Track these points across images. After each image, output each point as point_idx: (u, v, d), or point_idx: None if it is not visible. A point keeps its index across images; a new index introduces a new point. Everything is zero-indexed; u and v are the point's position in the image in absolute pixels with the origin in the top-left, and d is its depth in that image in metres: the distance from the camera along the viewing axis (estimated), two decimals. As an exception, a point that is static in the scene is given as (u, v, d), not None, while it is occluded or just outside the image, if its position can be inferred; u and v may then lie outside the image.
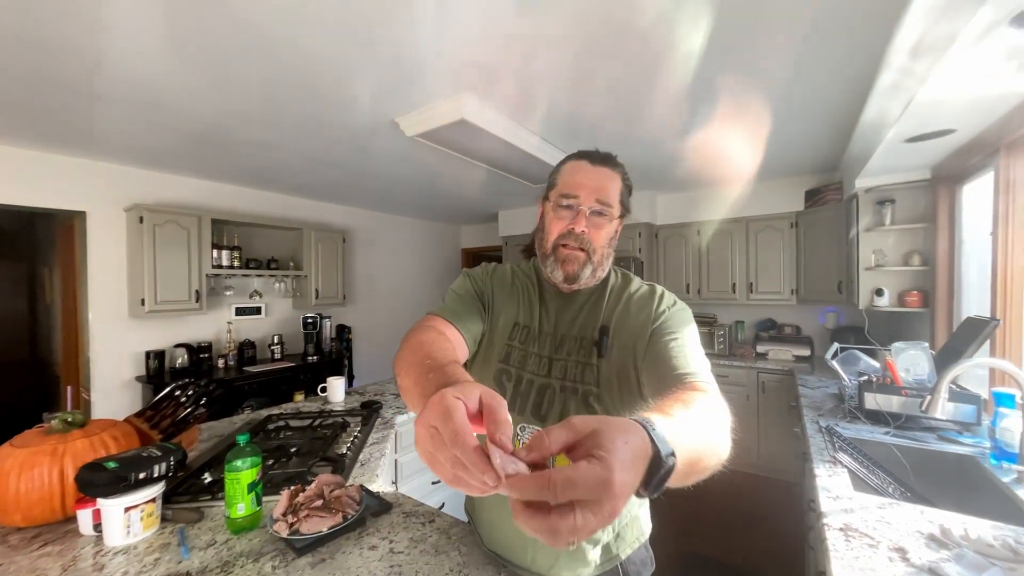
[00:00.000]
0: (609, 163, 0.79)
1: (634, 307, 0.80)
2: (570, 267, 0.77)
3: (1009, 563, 0.81)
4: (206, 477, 1.17)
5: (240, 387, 3.04)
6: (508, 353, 0.82)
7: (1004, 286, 1.66)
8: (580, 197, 0.75)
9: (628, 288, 0.83)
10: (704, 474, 0.49)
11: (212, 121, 2.18)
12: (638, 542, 0.85)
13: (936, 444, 1.49)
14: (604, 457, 0.33)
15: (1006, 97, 1.42)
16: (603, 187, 0.76)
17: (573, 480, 0.32)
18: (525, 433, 0.77)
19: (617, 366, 0.76)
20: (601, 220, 0.77)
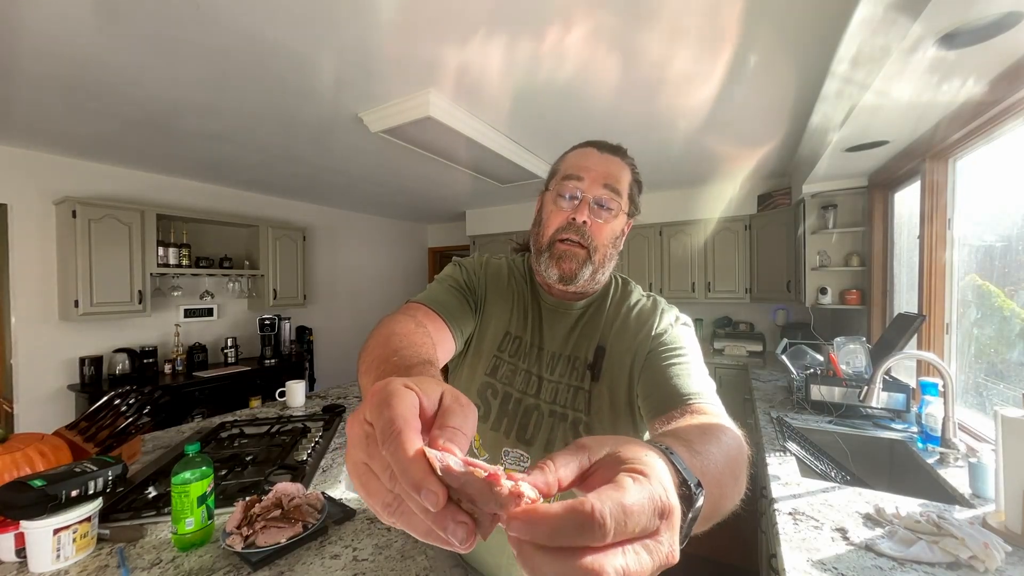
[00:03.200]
0: (619, 153, 0.71)
1: (633, 323, 0.71)
2: (567, 265, 0.67)
3: (933, 536, 0.89)
4: (150, 491, 1.09)
5: (190, 394, 2.85)
6: (496, 366, 0.72)
7: (929, 284, 1.82)
8: (585, 181, 0.66)
9: (628, 300, 0.75)
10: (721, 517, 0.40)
11: (157, 108, 2.03)
12: None
13: (872, 431, 1.62)
14: (651, 474, 0.24)
15: (931, 109, 1.55)
16: (611, 173, 0.67)
17: (627, 508, 0.22)
18: (508, 458, 0.69)
19: (610, 392, 0.68)
20: (606, 214, 0.67)
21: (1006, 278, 1.52)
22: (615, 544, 0.21)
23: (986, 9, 0.97)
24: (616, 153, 0.71)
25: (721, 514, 0.40)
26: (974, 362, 1.68)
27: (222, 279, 3.51)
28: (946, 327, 1.78)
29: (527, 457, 0.67)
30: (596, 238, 0.67)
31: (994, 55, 1.15)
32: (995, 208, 1.61)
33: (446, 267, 0.78)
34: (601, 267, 0.70)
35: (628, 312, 0.73)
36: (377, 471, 0.25)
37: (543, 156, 2.82)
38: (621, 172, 0.70)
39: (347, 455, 0.27)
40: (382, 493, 0.25)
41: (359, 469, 0.26)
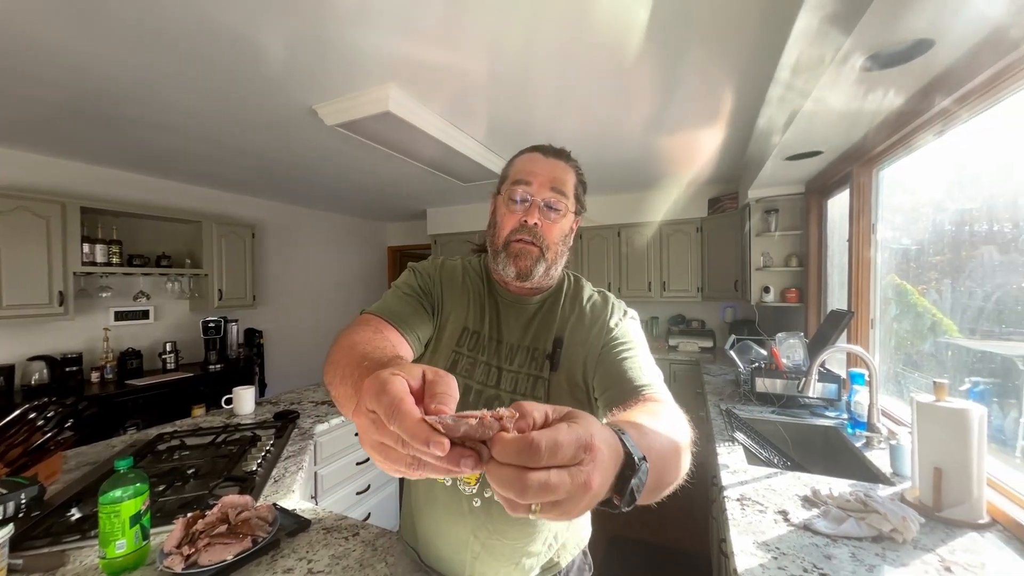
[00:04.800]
0: (563, 156, 0.77)
1: (588, 317, 0.77)
2: (523, 262, 0.72)
3: (860, 513, 0.97)
4: (73, 514, 0.98)
5: (121, 404, 2.61)
6: (456, 361, 0.75)
7: (856, 283, 2.00)
8: (533, 185, 0.72)
9: (581, 295, 0.80)
10: (667, 490, 0.47)
11: (82, 91, 1.83)
12: (578, 548, 0.84)
13: (809, 419, 1.75)
14: (582, 423, 0.32)
15: (860, 119, 1.68)
16: (557, 176, 0.73)
17: (558, 440, 0.30)
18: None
19: (568, 381, 0.73)
20: (555, 214, 0.73)
21: (919, 278, 1.70)
22: (549, 467, 0.30)
23: (904, 35, 1.08)
24: (560, 157, 0.76)
25: (667, 485, 0.47)
26: (894, 353, 1.86)
27: (160, 279, 3.24)
28: (871, 322, 1.96)
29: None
30: (547, 237, 0.72)
31: (911, 75, 1.27)
32: (910, 215, 1.79)
33: (402, 274, 0.80)
34: (554, 263, 0.75)
35: (582, 306, 0.78)
36: (391, 444, 0.32)
37: (505, 155, 2.83)
38: (566, 175, 0.75)
39: (362, 441, 0.35)
40: (402, 459, 0.32)
41: (376, 447, 0.33)
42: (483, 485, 0.71)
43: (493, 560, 0.74)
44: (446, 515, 0.75)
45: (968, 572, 0.82)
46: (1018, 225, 1.21)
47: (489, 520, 0.72)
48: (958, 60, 1.18)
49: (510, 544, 0.73)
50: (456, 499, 0.73)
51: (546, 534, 0.75)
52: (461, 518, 0.73)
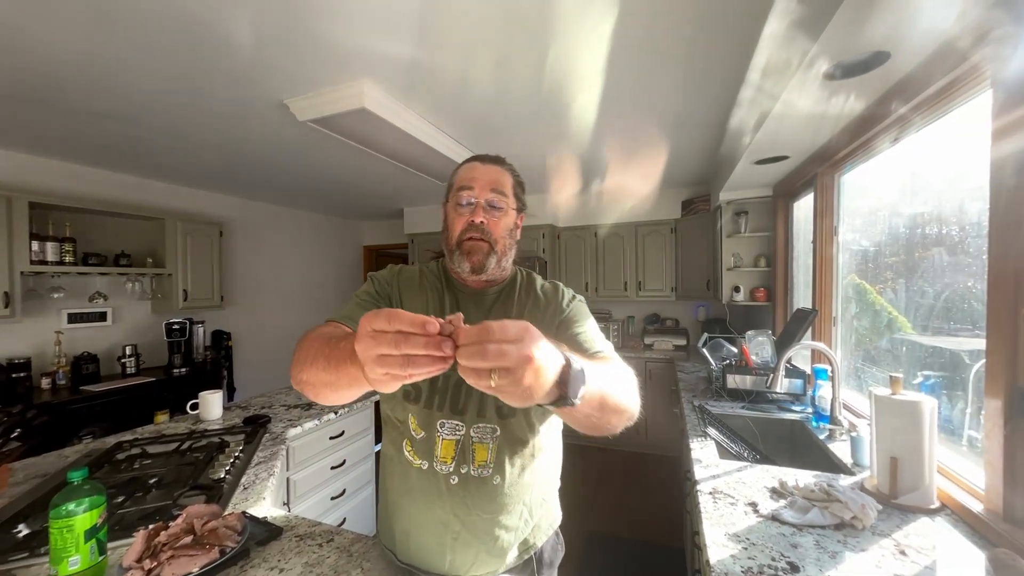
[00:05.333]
0: (498, 162, 0.85)
1: (542, 301, 0.87)
2: (475, 258, 0.80)
3: (824, 503, 1.02)
4: (20, 530, 0.92)
5: (75, 411, 2.46)
6: None
7: (820, 283, 2.09)
8: (475, 189, 0.80)
9: (534, 285, 0.90)
10: (618, 415, 0.61)
11: (33, 76, 1.71)
12: (551, 529, 0.89)
13: (777, 413, 1.82)
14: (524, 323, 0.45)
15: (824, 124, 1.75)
16: (495, 179, 0.82)
17: (504, 325, 0.44)
18: (444, 428, 0.78)
19: None
20: (498, 212, 0.81)
21: (877, 277, 1.79)
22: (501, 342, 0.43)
23: (863, 46, 1.13)
24: (497, 162, 0.85)
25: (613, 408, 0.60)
26: (854, 350, 1.96)
27: (118, 279, 3.07)
28: (833, 320, 2.05)
29: (461, 425, 0.78)
30: (494, 232, 0.81)
31: (871, 83, 1.34)
32: (868, 218, 1.89)
33: (363, 284, 0.88)
34: (503, 255, 0.84)
35: (536, 293, 0.89)
36: (388, 350, 0.43)
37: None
38: (504, 177, 0.84)
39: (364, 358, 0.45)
40: (396, 361, 0.43)
41: (375, 359, 0.44)
42: (458, 463, 0.78)
43: (472, 539, 0.78)
44: (424, 500, 0.79)
45: (920, 554, 0.87)
46: (964, 229, 1.29)
47: (467, 495, 0.77)
48: (913, 71, 1.25)
49: (488, 518, 0.78)
50: (433, 482, 0.78)
51: (520, 507, 0.81)
52: (439, 499, 0.78)
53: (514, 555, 0.82)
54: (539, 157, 2.85)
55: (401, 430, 0.81)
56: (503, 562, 0.81)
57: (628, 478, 3.17)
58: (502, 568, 0.81)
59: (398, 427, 0.82)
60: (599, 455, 3.60)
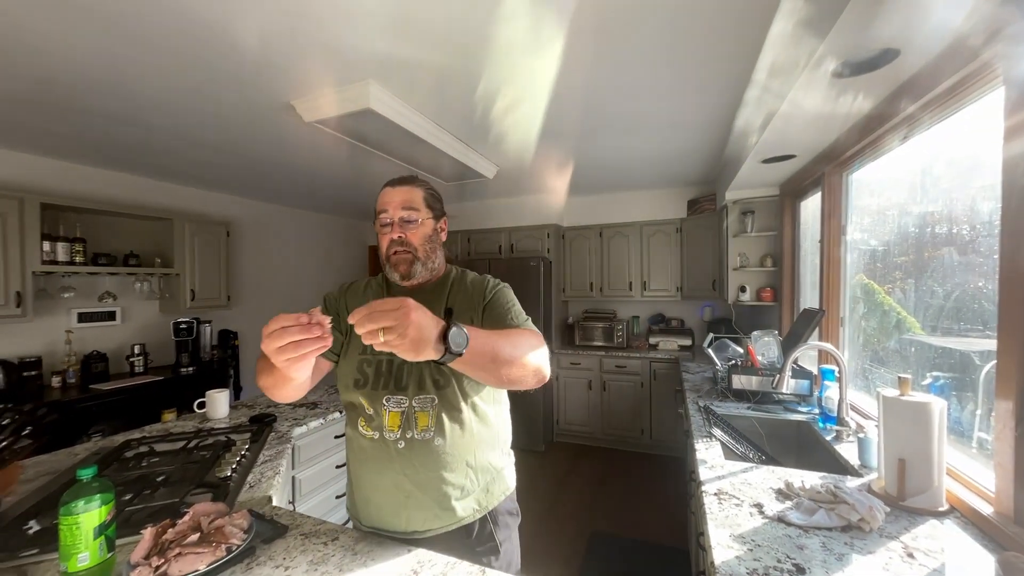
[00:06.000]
0: (407, 182, 0.97)
1: (471, 290, 1.01)
2: (402, 267, 0.95)
3: (831, 504, 1.01)
4: (31, 527, 0.93)
5: (85, 409, 2.49)
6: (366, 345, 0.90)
7: (828, 283, 2.07)
8: (389, 210, 0.94)
9: (466, 279, 1.04)
10: (515, 367, 0.77)
11: (42, 79, 1.73)
12: (504, 495, 1.01)
13: (783, 414, 1.81)
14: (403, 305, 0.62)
15: (832, 123, 1.74)
16: (405, 199, 0.95)
17: (385, 300, 0.62)
18: (390, 403, 0.93)
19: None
20: (412, 225, 0.94)
21: (885, 277, 1.77)
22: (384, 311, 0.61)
23: (872, 43, 1.12)
24: (405, 183, 0.97)
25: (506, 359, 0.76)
26: (862, 350, 1.94)
27: (127, 279, 3.11)
28: (841, 320, 2.03)
29: (404, 399, 0.93)
30: (413, 242, 0.95)
31: (879, 82, 1.32)
32: (877, 217, 1.87)
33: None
34: (428, 259, 0.98)
35: (466, 285, 1.03)
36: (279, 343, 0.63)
37: (488, 155, 2.82)
38: (413, 194, 0.96)
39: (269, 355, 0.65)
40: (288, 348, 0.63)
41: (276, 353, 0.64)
42: (404, 429, 0.92)
43: (423, 496, 0.92)
44: (377, 467, 0.94)
45: (928, 557, 0.86)
46: (975, 228, 1.28)
47: (413, 456, 0.91)
48: (922, 69, 1.23)
49: (434, 475, 0.91)
50: (384, 449, 0.92)
51: (463, 467, 0.94)
52: (390, 463, 0.92)
53: (467, 512, 0.94)
54: (541, 157, 2.85)
55: (357, 411, 0.96)
56: (455, 517, 0.93)
57: (631, 478, 3.16)
58: (455, 523, 0.93)
59: (355, 409, 0.97)
60: (602, 454, 3.59)
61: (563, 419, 3.89)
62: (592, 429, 3.79)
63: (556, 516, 2.65)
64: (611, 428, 3.72)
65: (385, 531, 0.95)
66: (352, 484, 1.01)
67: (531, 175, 3.31)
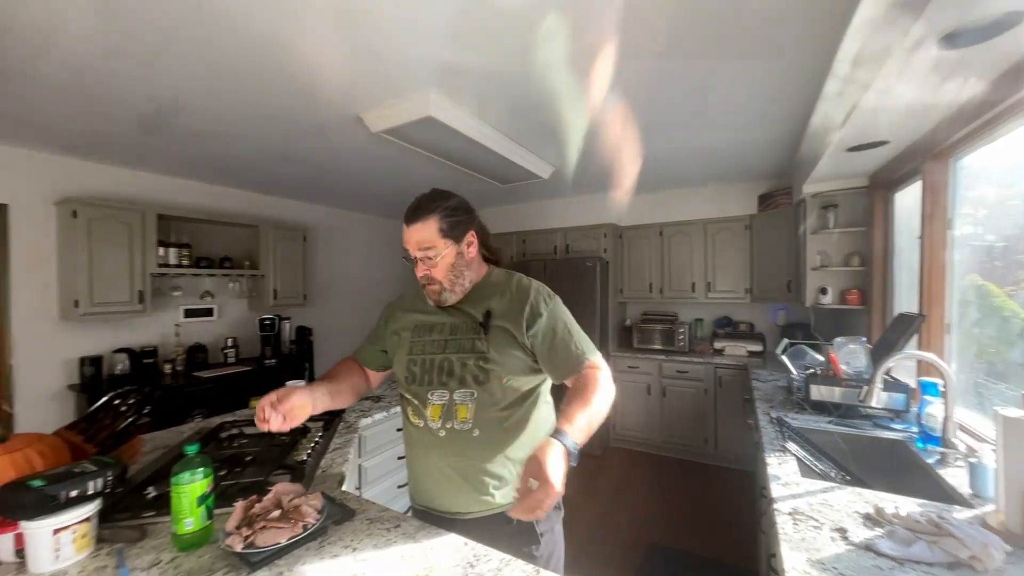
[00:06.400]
0: (419, 217, 0.99)
1: (514, 295, 1.04)
2: (433, 297, 1.05)
3: (932, 536, 0.89)
4: (150, 492, 1.09)
5: (189, 393, 2.85)
6: (412, 347, 1.07)
7: (929, 285, 1.82)
8: (410, 251, 1.01)
9: (510, 283, 1.08)
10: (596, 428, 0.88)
11: (156, 109, 2.02)
12: None
13: (872, 431, 1.62)
14: (545, 478, 0.72)
15: (932, 110, 1.55)
16: (418, 240, 0.99)
17: (537, 498, 0.72)
18: (433, 396, 1.01)
19: (498, 338, 1.00)
20: (430, 260, 0.99)
21: (1006, 278, 1.52)
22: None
23: (987, 8, 0.97)
24: (417, 218, 0.99)
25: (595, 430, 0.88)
26: (975, 362, 1.68)
27: (222, 279, 3.51)
28: (946, 327, 1.78)
29: (446, 393, 1.00)
30: (436, 276, 1.01)
31: (996, 54, 1.14)
32: (996, 208, 1.61)
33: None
34: (455, 284, 1.03)
35: (510, 289, 1.06)
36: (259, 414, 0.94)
37: (545, 157, 2.82)
38: (424, 231, 0.98)
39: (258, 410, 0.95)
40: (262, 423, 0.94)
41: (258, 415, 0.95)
42: (444, 419, 0.99)
43: (463, 482, 0.99)
44: (423, 450, 1.04)
45: (1066, 611, 0.72)
46: None
47: (452, 444, 0.99)
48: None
49: (473, 464, 0.98)
50: (428, 436, 1.01)
51: (501, 458, 0.99)
52: (433, 449, 1.01)
53: (505, 500, 0.99)
54: (602, 157, 2.79)
55: (407, 402, 1.07)
56: (493, 504, 0.99)
57: (693, 490, 2.99)
58: (494, 510, 0.99)
59: (406, 401, 1.07)
60: (661, 463, 3.44)
61: (620, 424, 3.79)
62: (650, 436, 3.65)
63: (611, 524, 2.58)
64: (671, 436, 3.55)
65: (433, 510, 1.04)
66: (408, 467, 1.13)
67: (588, 174, 3.26)
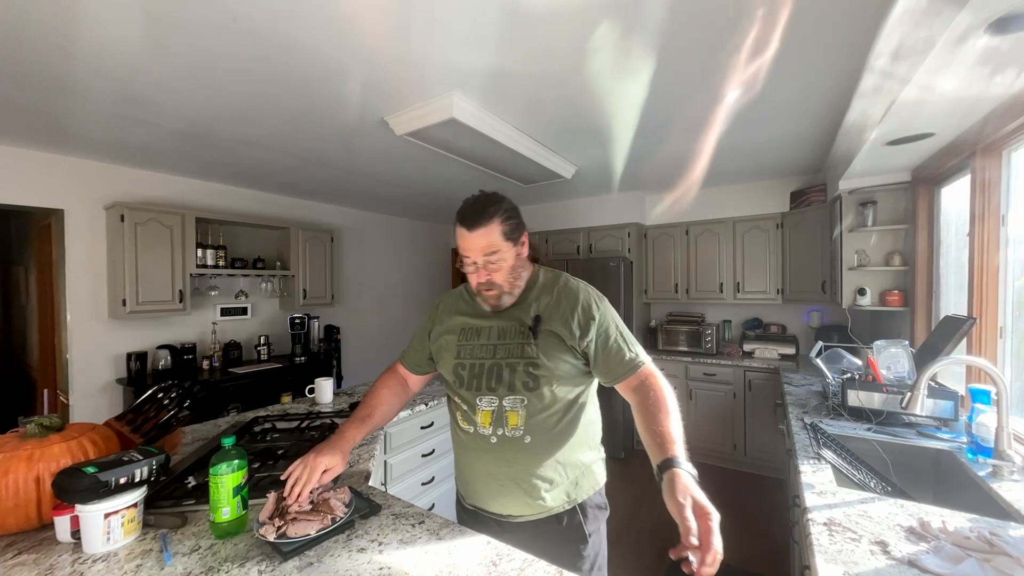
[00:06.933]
0: (482, 222, 0.95)
1: (561, 297, 1.03)
2: (491, 302, 1.02)
3: (984, 554, 0.83)
4: (190, 481, 1.14)
5: (225, 389, 2.98)
6: (459, 350, 1.05)
7: (980, 285, 1.71)
8: (471, 256, 0.97)
9: (556, 284, 1.06)
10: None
11: (194, 118, 2.13)
12: (593, 490, 1.05)
13: (915, 439, 1.53)
14: (703, 511, 0.72)
15: (982, 100, 1.46)
16: (483, 246, 0.96)
17: (704, 546, 0.70)
18: (482, 402, 1.00)
19: (548, 343, 0.99)
20: (494, 264, 0.97)
21: (1069, 278, 1.41)
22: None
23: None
24: (481, 224, 0.95)
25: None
26: (1031, 369, 1.56)
27: (255, 279, 3.65)
28: (1000, 331, 1.67)
29: (495, 399, 0.99)
30: (497, 280, 0.99)
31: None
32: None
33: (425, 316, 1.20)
34: (513, 286, 1.02)
35: (557, 290, 1.05)
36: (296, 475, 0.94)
37: (567, 156, 2.81)
38: (489, 236, 0.95)
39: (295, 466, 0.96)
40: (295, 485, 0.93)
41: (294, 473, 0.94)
42: (495, 426, 0.98)
43: (515, 487, 0.99)
44: (474, 456, 1.04)
45: None
46: None
47: (504, 451, 0.98)
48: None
49: (524, 469, 0.98)
50: (479, 441, 1.01)
51: (553, 463, 0.99)
52: (486, 454, 1.00)
53: (556, 503, 1.00)
54: (626, 155, 2.75)
55: (456, 406, 1.06)
56: (545, 507, 0.99)
57: (721, 496, 2.90)
58: (547, 512, 1.00)
59: (455, 404, 1.07)
60: (689, 469, 3.36)
61: (644, 427, 3.72)
62: (676, 440, 3.57)
63: (635, 528, 2.54)
64: (698, 440, 3.46)
65: (485, 512, 1.05)
66: (457, 465, 1.14)
67: (613, 173, 3.22)
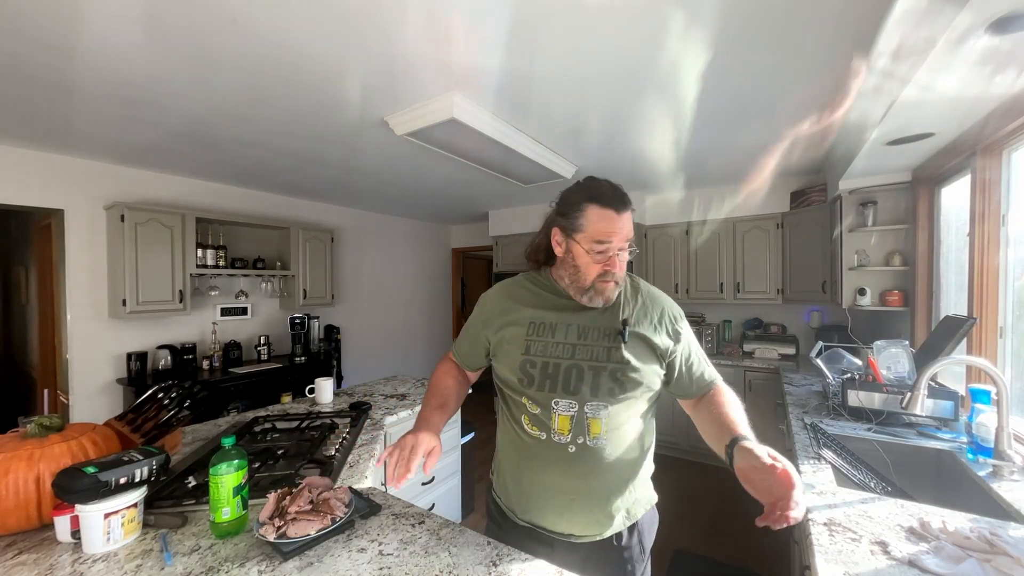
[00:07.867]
0: (629, 205, 0.90)
1: (647, 302, 0.99)
2: (609, 295, 0.92)
3: (985, 554, 0.83)
4: (190, 481, 1.14)
5: (225, 388, 2.98)
6: (528, 347, 0.95)
7: (980, 285, 1.71)
8: (613, 242, 0.88)
9: (639, 290, 1.01)
10: None
11: (195, 118, 2.13)
12: (649, 503, 1.02)
13: (915, 440, 1.53)
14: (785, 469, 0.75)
15: (982, 100, 1.46)
16: (629, 230, 0.89)
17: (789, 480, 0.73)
18: (559, 407, 0.91)
19: (636, 349, 0.93)
20: (626, 255, 0.91)
21: (1069, 278, 1.41)
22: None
23: (1046, -11, 0.90)
24: (627, 207, 0.90)
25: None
26: (1032, 369, 1.56)
27: (256, 279, 3.65)
28: (1000, 331, 1.67)
29: (575, 403, 0.90)
30: (620, 272, 0.92)
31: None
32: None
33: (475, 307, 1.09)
34: (623, 281, 0.97)
35: (640, 296, 1.00)
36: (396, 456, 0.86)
37: (566, 155, 2.81)
38: (631, 220, 0.90)
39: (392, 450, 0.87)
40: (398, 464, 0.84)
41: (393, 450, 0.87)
42: (575, 434, 0.90)
43: (589, 502, 0.91)
44: (542, 466, 0.93)
45: None
46: None
47: (583, 461, 0.90)
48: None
49: (602, 483, 0.91)
50: (551, 450, 0.91)
51: (627, 477, 0.94)
52: (557, 465, 0.91)
53: (620, 520, 0.93)
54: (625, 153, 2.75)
55: (521, 409, 0.95)
56: (611, 526, 0.93)
57: (723, 495, 2.91)
58: (609, 531, 0.93)
59: (519, 407, 0.96)
60: (688, 467, 3.36)
61: (644, 427, 3.72)
62: (677, 440, 3.57)
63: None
64: (699, 440, 3.43)
65: (544, 529, 0.94)
66: (507, 475, 1.00)
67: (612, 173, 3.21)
